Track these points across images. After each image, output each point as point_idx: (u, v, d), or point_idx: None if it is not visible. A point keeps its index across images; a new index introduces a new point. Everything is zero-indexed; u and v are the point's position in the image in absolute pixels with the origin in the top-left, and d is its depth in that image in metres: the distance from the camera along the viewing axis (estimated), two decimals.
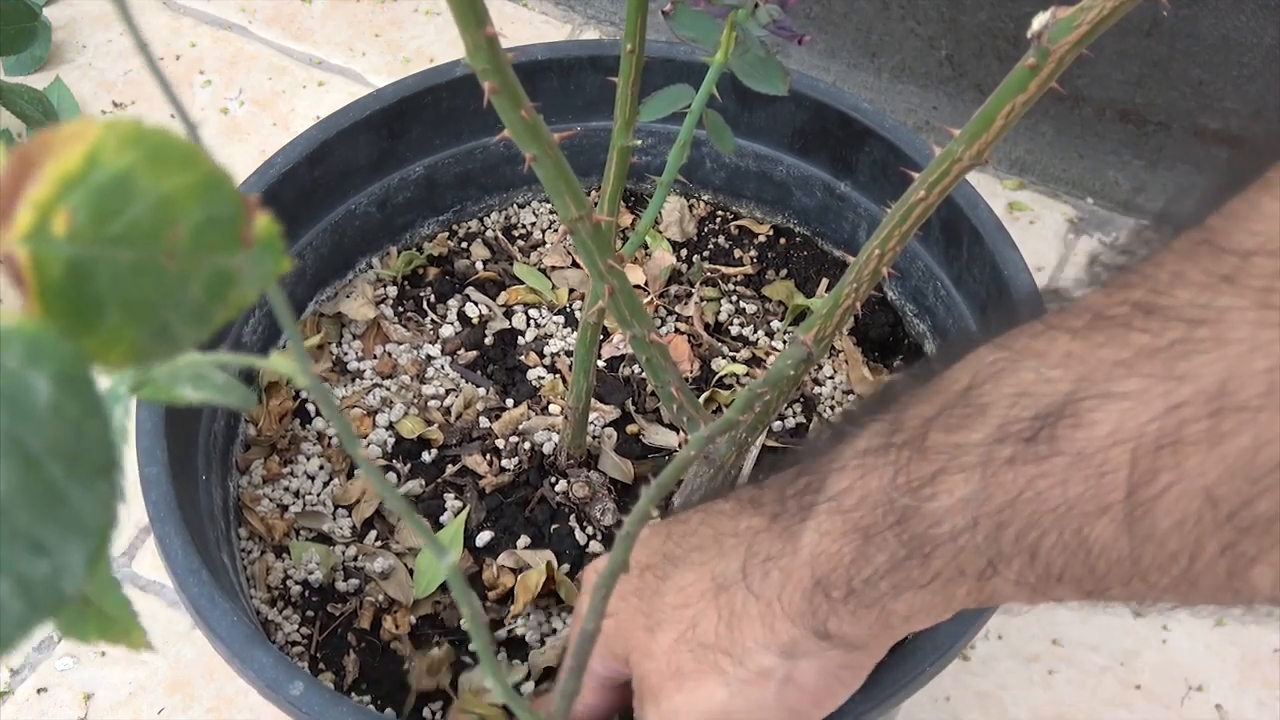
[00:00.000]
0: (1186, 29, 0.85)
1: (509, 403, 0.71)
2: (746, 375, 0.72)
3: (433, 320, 0.74)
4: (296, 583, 0.64)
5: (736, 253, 0.78)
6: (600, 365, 0.72)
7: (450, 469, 0.68)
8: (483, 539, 0.66)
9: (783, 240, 0.78)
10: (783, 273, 0.77)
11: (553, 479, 0.67)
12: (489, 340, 0.73)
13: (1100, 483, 0.34)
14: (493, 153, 0.75)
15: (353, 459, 0.54)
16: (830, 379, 0.73)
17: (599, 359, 0.71)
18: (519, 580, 0.63)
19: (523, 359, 0.73)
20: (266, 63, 1.03)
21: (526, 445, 0.68)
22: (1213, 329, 0.32)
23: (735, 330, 0.75)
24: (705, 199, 0.79)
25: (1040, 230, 0.96)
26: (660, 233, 0.78)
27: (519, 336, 0.74)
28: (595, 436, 0.69)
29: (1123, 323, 0.34)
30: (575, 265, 0.76)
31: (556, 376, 0.72)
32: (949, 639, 0.53)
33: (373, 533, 0.66)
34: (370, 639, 0.63)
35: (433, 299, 0.75)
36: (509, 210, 0.78)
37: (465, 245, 0.77)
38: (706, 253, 0.78)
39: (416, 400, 0.71)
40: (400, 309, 0.74)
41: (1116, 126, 0.93)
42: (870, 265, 0.50)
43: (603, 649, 0.49)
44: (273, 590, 0.64)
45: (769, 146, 0.75)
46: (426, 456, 0.69)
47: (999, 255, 0.65)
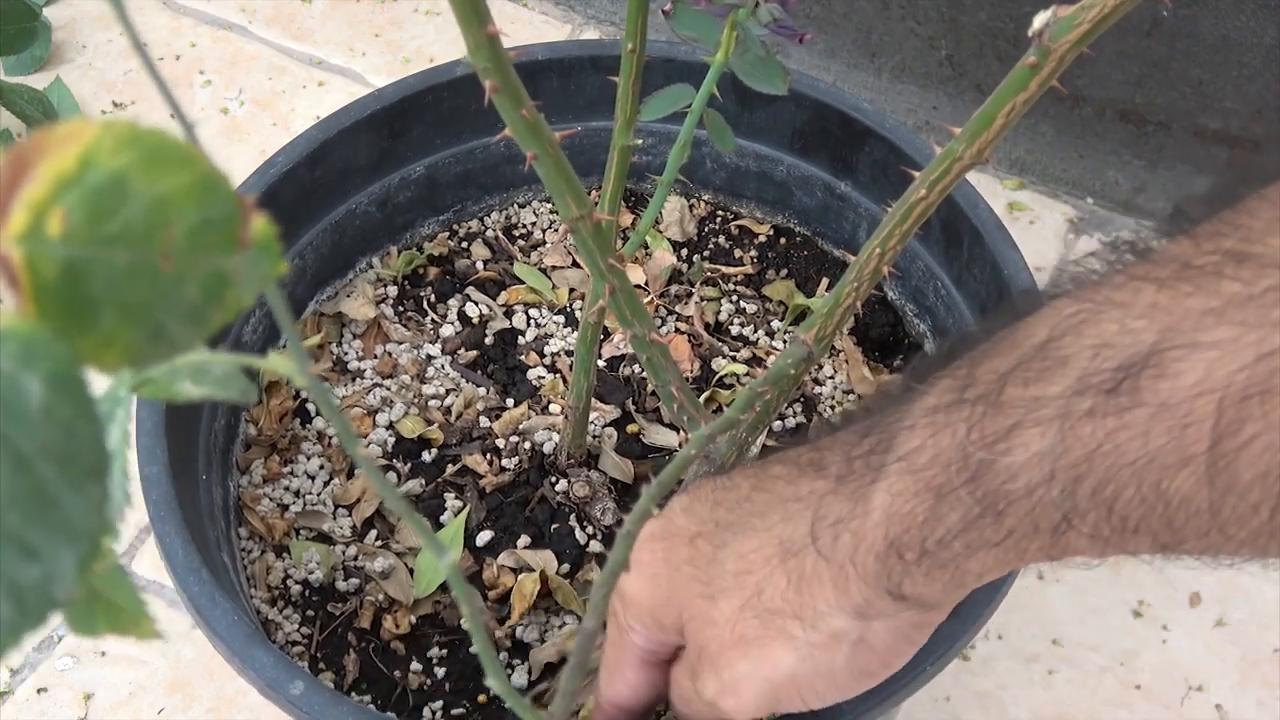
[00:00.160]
0: (1186, 29, 0.85)
1: (509, 402, 0.71)
2: (747, 375, 0.72)
3: (433, 320, 0.74)
4: (296, 582, 0.64)
5: (737, 252, 0.78)
6: (601, 365, 0.72)
7: (450, 469, 0.68)
8: (483, 539, 0.66)
9: (783, 240, 0.78)
10: (783, 272, 0.77)
11: (553, 479, 0.67)
12: (489, 340, 0.73)
13: (1183, 434, 0.33)
14: (493, 152, 0.75)
15: (353, 458, 0.54)
16: (830, 378, 0.73)
17: (599, 358, 0.71)
18: (515, 588, 0.63)
19: (523, 359, 0.73)
20: (266, 63, 1.03)
21: (527, 445, 0.68)
22: None
23: (735, 330, 0.75)
24: (706, 199, 0.79)
25: (1040, 230, 0.96)
26: (661, 232, 0.78)
27: (519, 336, 0.74)
28: (595, 436, 0.69)
29: (1213, 271, 0.33)
30: (576, 265, 0.76)
31: (557, 376, 0.72)
32: (949, 639, 0.53)
33: (373, 532, 0.66)
34: (370, 639, 0.63)
35: (433, 299, 0.75)
36: (509, 210, 0.78)
37: (466, 245, 0.77)
38: (707, 252, 0.78)
39: (417, 400, 0.70)
40: (400, 309, 0.74)
41: (1116, 126, 0.93)
42: (871, 264, 0.50)
43: (648, 620, 0.48)
44: (273, 590, 0.64)
45: (769, 146, 0.75)
46: (426, 456, 0.69)
47: (999, 255, 0.65)
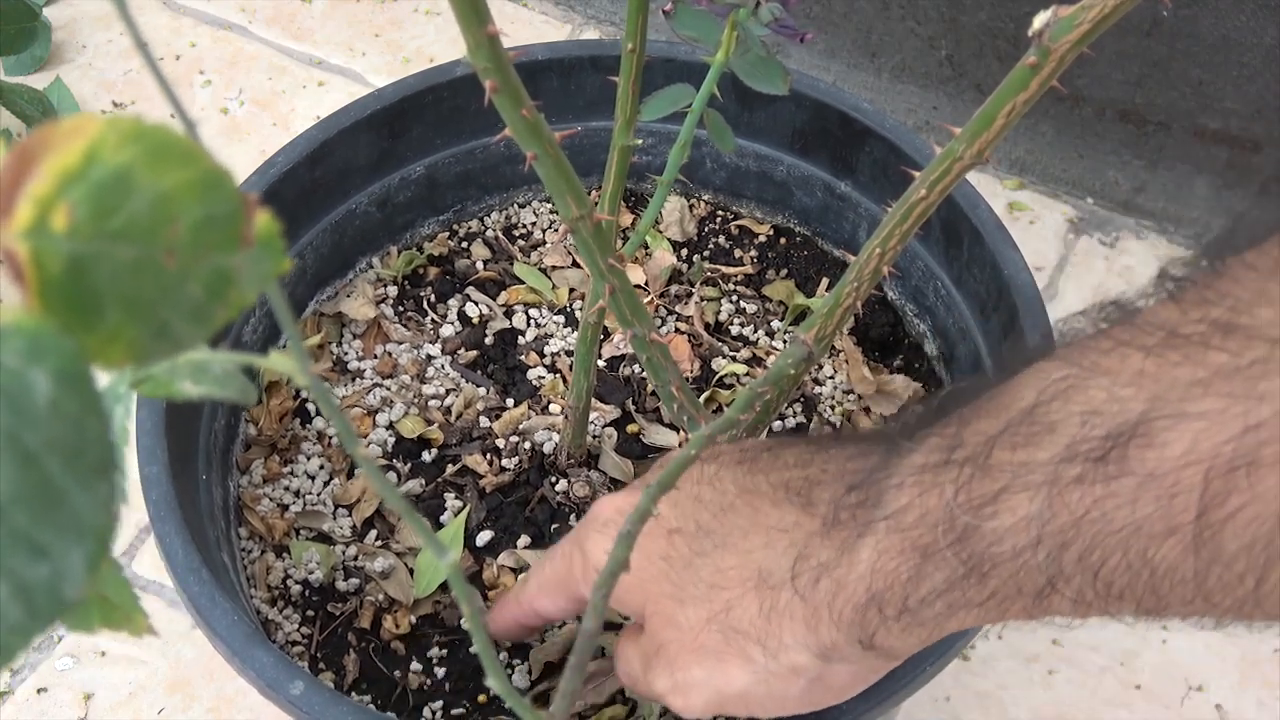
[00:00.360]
0: (1186, 29, 0.85)
1: (509, 402, 0.71)
2: (747, 375, 0.72)
3: (433, 320, 0.74)
4: (297, 582, 0.64)
5: (737, 252, 0.78)
6: (601, 365, 0.72)
7: (450, 469, 0.68)
8: (483, 539, 0.66)
9: (783, 240, 0.78)
10: (783, 272, 0.77)
11: (553, 478, 0.67)
12: (489, 340, 0.73)
13: (1170, 504, 0.33)
14: (493, 152, 0.75)
15: (353, 458, 0.54)
16: (830, 379, 0.73)
17: (599, 358, 0.71)
18: None
19: (523, 359, 0.72)
20: (266, 63, 1.03)
21: (527, 445, 0.68)
22: None
23: (735, 330, 0.75)
24: (705, 199, 0.79)
25: (1040, 230, 0.96)
26: (660, 232, 0.78)
27: (519, 336, 0.74)
28: (595, 436, 0.69)
29: (1200, 341, 0.33)
30: (576, 265, 0.76)
31: (557, 376, 0.72)
32: (949, 639, 0.53)
33: (373, 532, 0.66)
34: (370, 639, 0.63)
35: (433, 299, 0.75)
36: (509, 210, 0.78)
37: (466, 245, 0.77)
38: (707, 252, 0.78)
39: (417, 400, 0.70)
40: (400, 309, 0.74)
41: (1116, 126, 0.93)
42: (871, 264, 0.50)
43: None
44: (273, 590, 0.64)
45: (769, 146, 0.75)
46: (427, 456, 0.68)
47: (999, 255, 0.65)
